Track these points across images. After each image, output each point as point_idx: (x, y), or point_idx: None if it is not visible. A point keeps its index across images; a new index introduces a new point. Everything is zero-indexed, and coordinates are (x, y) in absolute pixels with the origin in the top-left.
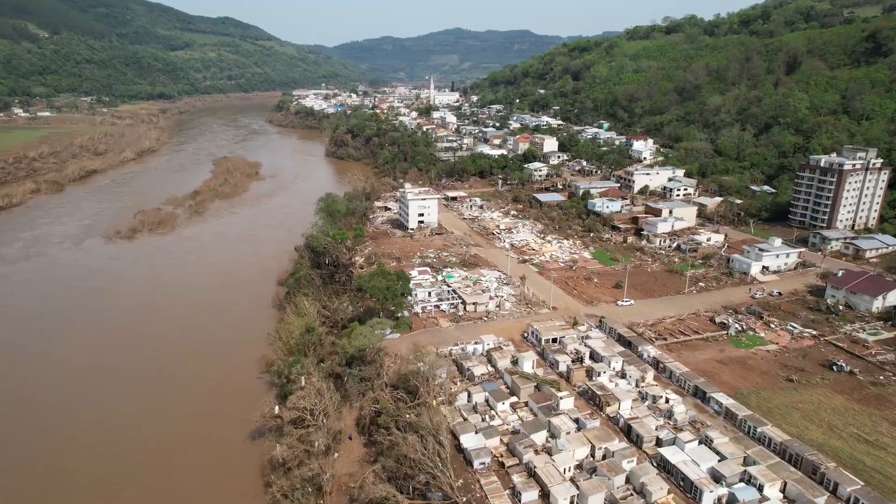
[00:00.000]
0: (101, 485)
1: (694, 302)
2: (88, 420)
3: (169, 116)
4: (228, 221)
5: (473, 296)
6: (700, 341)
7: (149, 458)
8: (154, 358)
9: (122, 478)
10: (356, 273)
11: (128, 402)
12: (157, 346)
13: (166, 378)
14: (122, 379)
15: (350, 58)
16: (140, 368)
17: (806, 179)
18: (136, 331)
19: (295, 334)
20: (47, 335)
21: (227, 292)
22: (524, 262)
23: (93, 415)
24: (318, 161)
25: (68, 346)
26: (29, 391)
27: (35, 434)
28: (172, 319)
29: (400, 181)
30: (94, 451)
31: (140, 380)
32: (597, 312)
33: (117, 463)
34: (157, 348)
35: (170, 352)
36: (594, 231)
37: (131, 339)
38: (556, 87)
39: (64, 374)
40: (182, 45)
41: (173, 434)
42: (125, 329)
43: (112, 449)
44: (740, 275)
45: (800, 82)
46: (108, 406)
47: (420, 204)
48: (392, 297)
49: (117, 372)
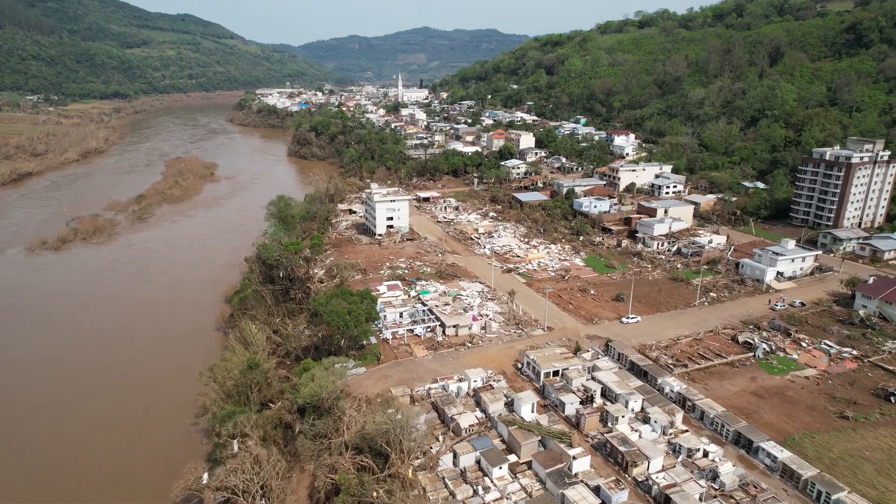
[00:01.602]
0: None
1: (708, 316)
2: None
3: (123, 116)
4: (177, 227)
5: (454, 316)
6: (725, 366)
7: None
8: (54, 400)
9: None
10: (314, 289)
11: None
12: (63, 382)
13: (68, 424)
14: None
15: (316, 57)
16: (28, 420)
17: (809, 174)
18: (40, 363)
19: (234, 373)
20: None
21: (165, 311)
22: (509, 271)
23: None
24: (280, 161)
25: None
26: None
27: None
28: (92, 345)
29: (367, 181)
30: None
31: (24, 440)
32: (600, 333)
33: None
34: (62, 385)
35: (77, 390)
36: (583, 234)
37: (29, 375)
38: (530, 82)
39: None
40: (139, 43)
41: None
42: (28, 360)
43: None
44: (753, 282)
45: (784, 74)
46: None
47: (388, 206)
48: (354, 323)
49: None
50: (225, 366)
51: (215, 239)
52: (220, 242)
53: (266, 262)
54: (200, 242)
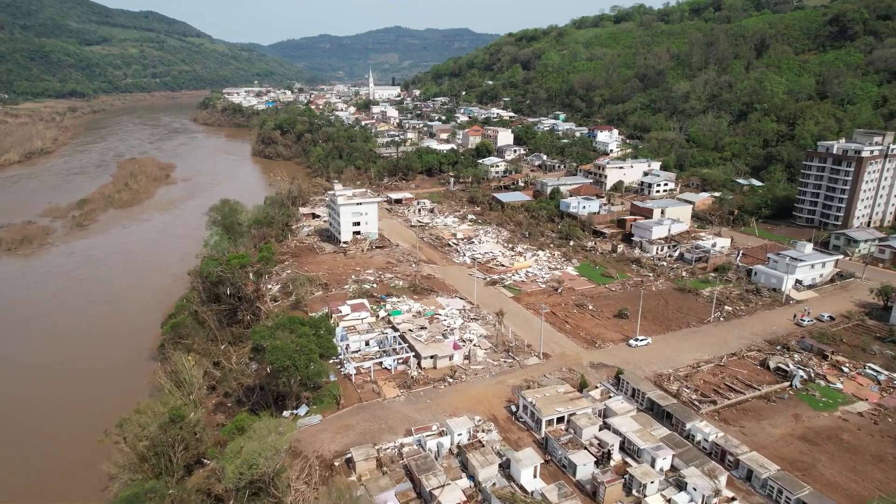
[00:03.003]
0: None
1: (726, 335)
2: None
3: (79, 115)
4: (125, 233)
5: (431, 345)
6: (760, 400)
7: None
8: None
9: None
10: (266, 309)
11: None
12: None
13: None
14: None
15: (287, 57)
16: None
17: (815, 170)
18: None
19: (150, 429)
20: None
21: (90, 336)
22: (493, 283)
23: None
24: (243, 161)
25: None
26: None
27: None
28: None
29: (334, 181)
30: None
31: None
32: (606, 360)
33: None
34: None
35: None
36: (573, 238)
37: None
38: (506, 78)
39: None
40: (99, 40)
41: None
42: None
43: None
44: (769, 292)
45: (770, 66)
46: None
47: (355, 210)
48: (305, 363)
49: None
50: (139, 420)
51: (167, 245)
52: (171, 249)
53: (209, 279)
54: (150, 250)
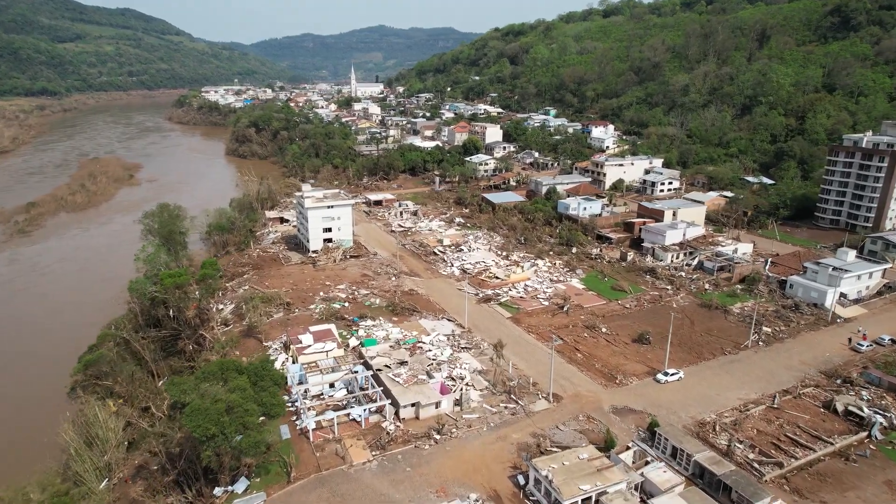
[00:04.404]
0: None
1: (771, 364)
2: None
3: (48, 114)
4: (77, 240)
5: (412, 388)
6: (835, 459)
7: None
8: None
9: None
10: (211, 337)
11: None
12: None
13: None
14: None
15: (270, 56)
16: None
17: (841, 165)
18: None
19: None
20: None
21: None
22: (487, 300)
23: None
24: (216, 161)
25: None
26: None
27: None
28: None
29: (310, 181)
30: None
31: None
32: (632, 402)
33: None
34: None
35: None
36: (575, 244)
37: None
38: (492, 73)
39: None
40: (72, 37)
41: None
42: None
43: None
44: (809, 308)
45: (773, 58)
46: None
47: (325, 214)
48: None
49: None
50: None
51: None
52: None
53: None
54: (103, 257)
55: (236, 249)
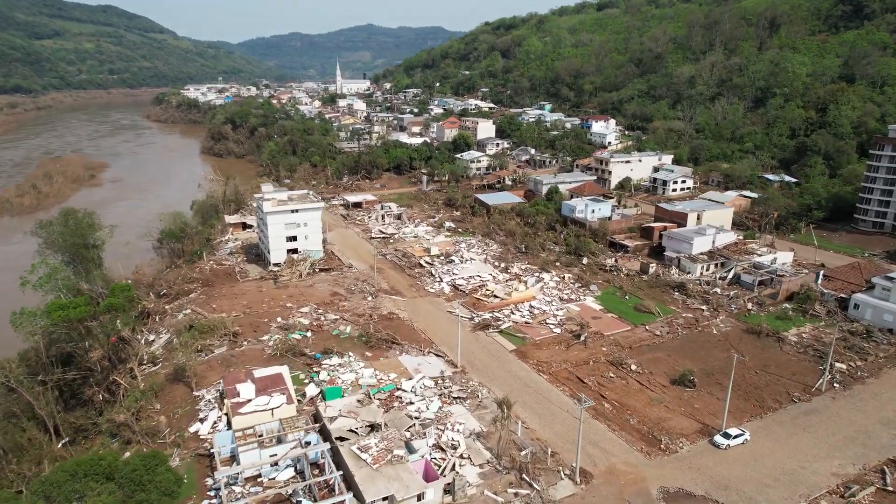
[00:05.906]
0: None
1: (860, 418)
2: None
3: (19, 112)
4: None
5: (384, 469)
6: None
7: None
8: None
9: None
10: (126, 385)
11: None
12: None
13: None
14: None
15: (256, 55)
16: None
17: (886, 160)
18: None
19: None
20: None
21: None
22: (484, 327)
23: None
24: (191, 159)
25: None
26: None
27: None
28: None
29: (286, 181)
30: None
31: None
32: (688, 481)
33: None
34: None
35: None
36: (585, 253)
37: None
38: (483, 67)
39: None
40: (51, 34)
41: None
42: None
43: None
44: (884, 334)
45: (785, 48)
46: None
47: (289, 220)
48: None
49: None
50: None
51: None
52: None
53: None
54: None
55: (185, 262)
